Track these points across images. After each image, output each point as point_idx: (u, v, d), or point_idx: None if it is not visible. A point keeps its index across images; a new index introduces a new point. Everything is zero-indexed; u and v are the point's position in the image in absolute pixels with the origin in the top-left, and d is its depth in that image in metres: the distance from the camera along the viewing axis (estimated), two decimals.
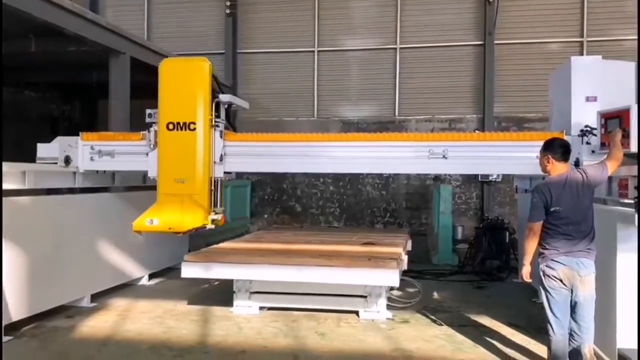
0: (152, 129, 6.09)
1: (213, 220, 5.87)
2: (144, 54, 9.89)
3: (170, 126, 5.87)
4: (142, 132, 6.27)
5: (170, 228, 5.80)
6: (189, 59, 6.36)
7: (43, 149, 6.57)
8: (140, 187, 7.71)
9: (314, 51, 14.33)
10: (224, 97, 6.08)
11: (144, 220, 5.83)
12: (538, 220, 4.14)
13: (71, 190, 6.51)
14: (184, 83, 5.87)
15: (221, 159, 6.03)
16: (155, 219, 5.80)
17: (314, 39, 14.36)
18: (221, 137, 6.06)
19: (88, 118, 14.37)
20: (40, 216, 5.86)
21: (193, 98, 5.83)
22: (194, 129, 5.82)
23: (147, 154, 6.17)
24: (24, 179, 5.75)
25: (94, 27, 8.44)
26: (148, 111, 6.12)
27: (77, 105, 14.64)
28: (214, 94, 5.98)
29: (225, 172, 6.15)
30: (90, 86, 11.86)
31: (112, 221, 7.10)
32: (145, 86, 11.33)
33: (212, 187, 5.93)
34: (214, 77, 5.98)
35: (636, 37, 12.11)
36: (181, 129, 5.84)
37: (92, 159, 6.49)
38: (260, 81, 14.69)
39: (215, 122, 5.94)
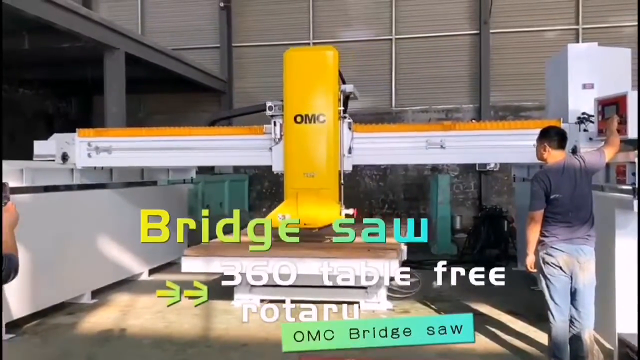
0: (276, 122, 5.89)
1: (347, 215, 5.67)
2: (138, 49, 9.86)
3: (298, 119, 5.71)
4: (264, 126, 6.06)
5: (305, 224, 5.45)
6: (315, 48, 6.20)
7: (40, 146, 6.55)
8: (138, 183, 7.69)
9: (309, 43, 14.27)
10: (347, 88, 5.87)
11: (276, 215, 5.61)
12: (539, 208, 4.13)
13: (69, 187, 6.50)
14: (311, 74, 5.70)
15: (349, 152, 5.88)
16: (287, 214, 5.61)
17: (309, 32, 14.29)
18: (349, 128, 5.90)
19: (84, 114, 14.34)
20: (39, 213, 5.84)
21: (321, 89, 5.67)
22: (324, 121, 5.68)
23: (270, 149, 6.02)
24: (22, 177, 5.74)
25: (88, 22, 8.41)
26: (268, 104, 5.94)
27: (73, 101, 14.60)
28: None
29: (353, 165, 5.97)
30: (86, 82, 11.82)
31: (111, 217, 7.09)
32: (140, 81, 11.37)
33: (341, 181, 5.80)
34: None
35: (632, 24, 12.12)
36: (309, 122, 5.69)
37: (89, 155, 6.49)
38: (256, 75, 14.63)
39: (343, 114, 5.78)
